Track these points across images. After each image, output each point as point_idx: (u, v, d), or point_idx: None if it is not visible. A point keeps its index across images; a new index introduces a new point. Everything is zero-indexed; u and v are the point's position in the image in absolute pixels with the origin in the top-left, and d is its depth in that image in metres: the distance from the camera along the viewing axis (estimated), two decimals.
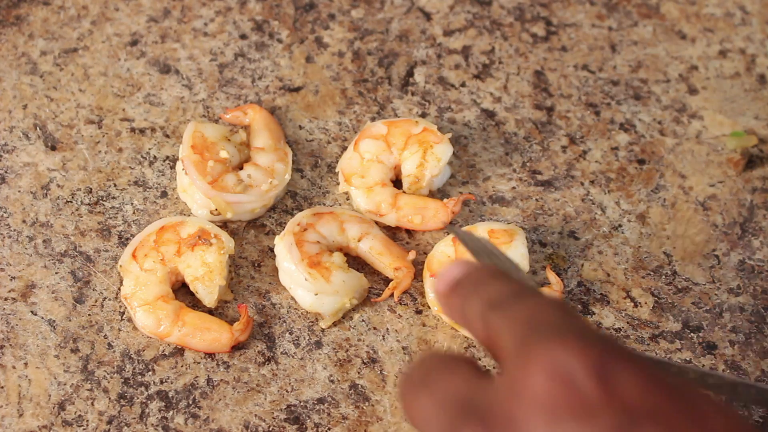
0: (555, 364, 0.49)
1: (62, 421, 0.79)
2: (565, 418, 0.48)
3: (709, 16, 1.02)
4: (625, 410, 0.48)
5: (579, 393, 0.48)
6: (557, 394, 0.49)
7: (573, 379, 0.49)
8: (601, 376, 0.49)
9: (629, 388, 0.49)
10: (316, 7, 1.01)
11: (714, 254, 0.89)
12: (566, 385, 0.48)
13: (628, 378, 0.49)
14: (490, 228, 0.85)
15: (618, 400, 0.48)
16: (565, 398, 0.48)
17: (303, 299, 0.84)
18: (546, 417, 0.48)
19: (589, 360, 0.49)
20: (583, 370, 0.49)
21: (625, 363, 0.49)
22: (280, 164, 0.90)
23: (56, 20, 0.99)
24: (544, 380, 0.49)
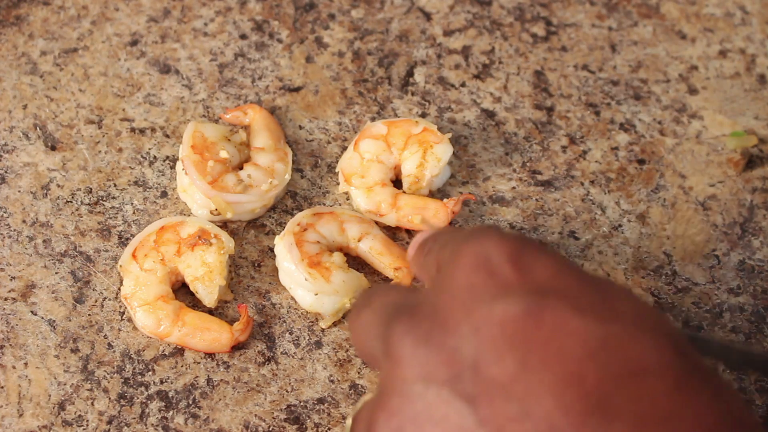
0: (475, 255, 0.53)
1: (62, 421, 0.79)
2: (481, 300, 0.52)
3: (709, 16, 1.02)
4: (535, 288, 0.51)
5: (495, 276, 0.53)
6: (476, 280, 0.53)
7: (490, 265, 0.53)
8: (516, 261, 0.53)
9: (541, 271, 0.53)
10: (316, 7, 1.01)
11: (714, 254, 0.89)
12: (484, 270, 0.53)
13: (541, 263, 0.53)
14: None
15: (530, 280, 0.52)
16: (482, 282, 0.53)
17: (303, 299, 0.84)
18: (466, 301, 0.52)
19: (506, 248, 0.53)
20: (500, 256, 0.53)
21: (539, 252, 0.54)
22: (280, 164, 0.90)
23: (56, 20, 0.99)
24: (465, 271, 0.53)
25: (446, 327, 0.52)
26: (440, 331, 0.52)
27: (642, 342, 0.50)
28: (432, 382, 0.51)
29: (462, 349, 0.51)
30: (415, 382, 0.52)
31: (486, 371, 0.50)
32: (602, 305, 0.51)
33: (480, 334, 0.50)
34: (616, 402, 0.48)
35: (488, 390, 0.49)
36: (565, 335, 0.49)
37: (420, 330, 0.53)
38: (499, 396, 0.49)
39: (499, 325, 0.50)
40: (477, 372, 0.50)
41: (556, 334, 0.50)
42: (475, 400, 0.50)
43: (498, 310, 0.51)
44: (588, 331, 0.49)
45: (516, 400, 0.49)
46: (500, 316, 0.50)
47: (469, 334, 0.51)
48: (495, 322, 0.50)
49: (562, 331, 0.50)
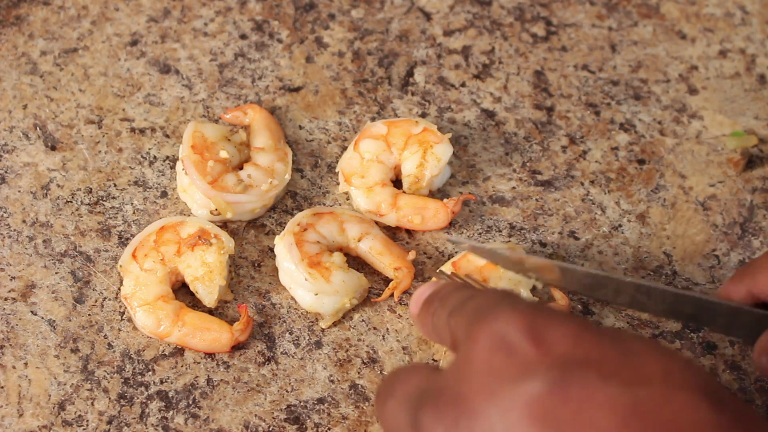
0: (492, 336, 0.53)
1: (62, 421, 0.79)
2: (505, 381, 0.51)
3: (709, 16, 1.02)
4: (558, 362, 0.51)
5: (514, 355, 0.52)
6: (495, 362, 0.52)
7: (507, 345, 0.52)
8: (532, 335, 0.52)
9: (560, 341, 0.52)
10: (316, 7, 1.01)
11: (714, 254, 0.89)
12: (502, 351, 0.52)
13: (558, 333, 0.52)
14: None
15: (551, 354, 0.51)
16: (502, 363, 0.52)
17: (303, 299, 0.84)
18: (488, 384, 0.52)
19: (520, 323, 0.52)
20: (516, 333, 0.52)
21: (554, 321, 0.53)
22: (280, 164, 0.90)
23: (56, 20, 0.99)
24: (483, 352, 0.53)
25: (473, 414, 0.51)
26: (467, 418, 0.52)
27: (674, 402, 0.49)
28: None
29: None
30: None
31: None
32: (627, 368, 0.50)
33: (508, 417, 0.50)
34: None
35: None
36: (594, 407, 0.48)
37: (447, 419, 0.52)
38: None
39: (526, 407, 0.49)
40: None
41: (584, 407, 0.49)
42: None
43: (523, 392, 0.50)
44: (616, 399, 0.49)
45: None
46: (526, 397, 0.50)
47: (497, 419, 0.50)
48: (522, 404, 0.50)
49: (590, 403, 0.49)
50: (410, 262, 0.85)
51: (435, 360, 0.83)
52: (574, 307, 0.85)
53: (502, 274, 0.84)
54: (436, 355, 0.83)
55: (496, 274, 0.84)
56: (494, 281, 0.84)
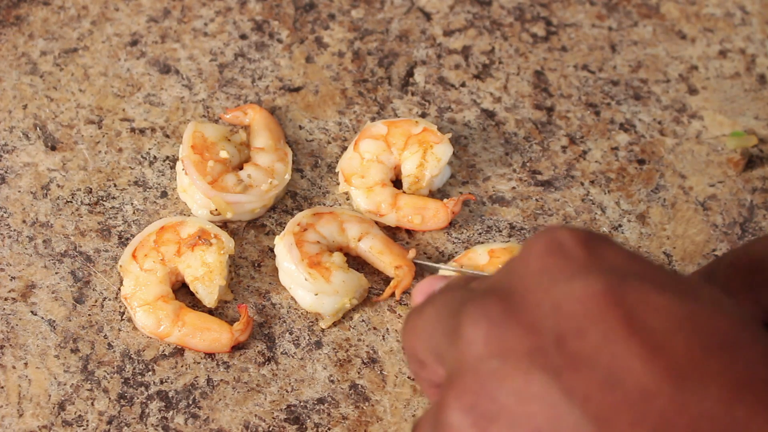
0: (546, 242, 0.53)
1: (62, 421, 0.79)
2: (559, 280, 0.51)
3: (709, 16, 1.02)
4: (614, 269, 0.51)
5: (570, 258, 0.52)
6: (550, 263, 0.52)
7: (563, 249, 0.52)
8: (588, 246, 0.53)
9: (614, 256, 0.52)
10: (316, 7, 1.01)
11: (714, 254, 0.89)
12: (558, 254, 0.52)
13: (612, 250, 0.53)
14: (490, 248, 0.85)
15: (605, 262, 0.52)
16: (557, 264, 0.52)
17: (303, 299, 0.84)
18: (542, 281, 0.51)
19: (576, 235, 0.53)
20: (572, 241, 0.53)
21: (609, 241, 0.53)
22: (280, 164, 0.90)
23: (56, 20, 0.99)
24: (537, 256, 0.53)
25: (523, 306, 0.51)
26: (517, 310, 0.51)
27: (726, 319, 0.49)
28: (509, 357, 0.50)
29: (542, 325, 0.50)
30: (490, 358, 0.51)
31: (569, 345, 0.49)
32: (683, 287, 0.51)
33: (561, 310, 0.50)
34: (710, 368, 0.48)
35: (573, 362, 0.49)
36: (649, 310, 0.49)
37: (495, 310, 0.52)
38: (585, 367, 0.48)
39: (580, 302, 0.49)
40: (560, 346, 0.49)
41: (639, 309, 0.49)
42: (559, 371, 0.49)
43: (578, 287, 0.50)
44: (671, 307, 0.49)
45: (603, 369, 0.48)
46: (581, 292, 0.50)
47: (548, 312, 0.50)
48: (576, 298, 0.50)
49: (645, 306, 0.49)
50: (411, 261, 0.85)
51: None
52: None
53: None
54: None
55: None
56: None
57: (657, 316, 0.49)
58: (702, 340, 0.48)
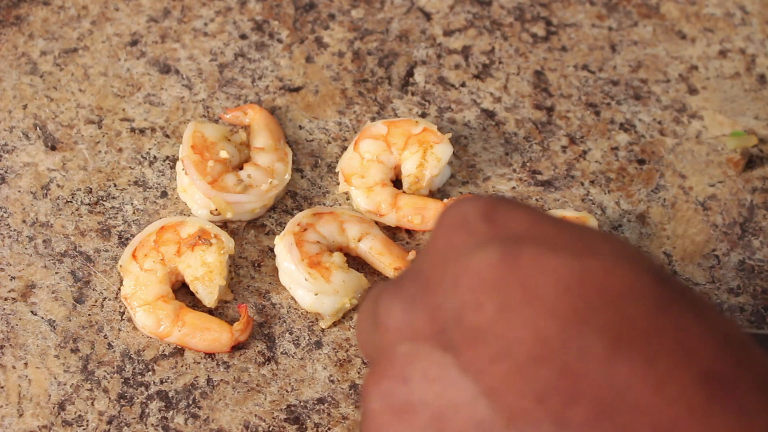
0: (454, 216, 0.54)
1: (62, 421, 0.79)
2: (460, 255, 0.51)
3: (709, 16, 1.02)
4: (512, 237, 0.51)
5: (471, 231, 0.52)
6: (453, 239, 0.53)
7: (467, 224, 0.53)
8: (491, 216, 0.53)
9: (516, 223, 0.52)
10: (316, 7, 1.01)
11: (714, 254, 0.89)
12: (461, 229, 0.53)
13: (516, 216, 0.53)
14: (562, 215, 0.86)
15: (505, 231, 0.52)
16: (460, 239, 0.52)
17: (303, 299, 0.84)
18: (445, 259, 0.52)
19: (481, 206, 0.53)
20: (475, 214, 0.53)
21: (515, 207, 0.53)
22: (280, 164, 0.90)
23: (56, 20, 0.99)
24: (443, 233, 0.54)
25: (428, 287, 0.52)
26: (423, 291, 0.52)
27: (619, 272, 0.49)
28: (417, 341, 0.51)
29: (444, 304, 0.51)
30: (401, 343, 0.52)
31: (467, 320, 0.49)
32: (579, 243, 0.51)
33: (459, 285, 0.50)
34: (594, 327, 0.48)
35: (469, 337, 0.49)
36: (541, 274, 0.49)
37: (405, 294, 0.53)
38: (480, 340, 0.49)
39: (476, 274, 0.50)
40: (459, 322, 0.50)
41: (531, 274, 0.49)
42: (457, 348, 0.49)
43: (475, 260, 0.50)
44: (563, 267, 0.49)
45: (496, 340, 0.48)
46: (477, 265, 0.50)
47: (449, 289, 0.51)
48: (472, 271, 0.50)
49: (538, 270, 0.49)
50: (410, 262, 0.85)
51: None
52: None
53: None
54: None
55: None
56: None
57: (548, 279, 0.49)
58: (590, 299, 0.48)
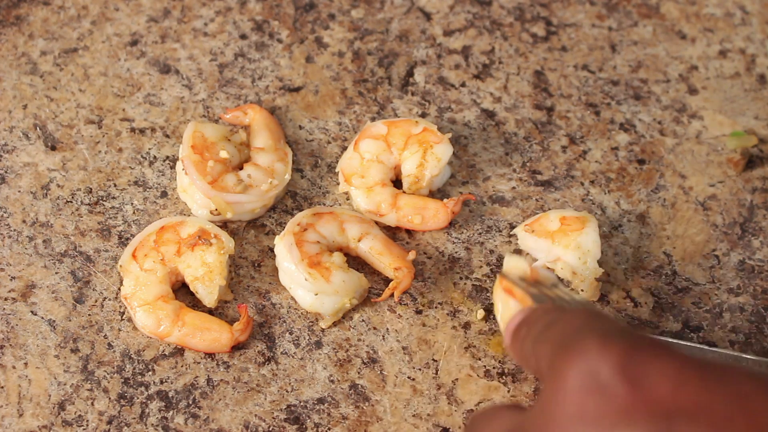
0: (582, 374, 0.47)
1: (62, 421, 0.79)
2: (597, 429, 0.46)
3: (709, 16, 1.02)
4: (660, 410, 0.45)
5: (608, 397, 0.46)
6: (587, 405, 0.47)
7: (600, 385, 0.47)
8: (628, 375, 0.46)
9: (661, 384, 0.46)
10: (316, 7, 1.01)
11: (714, 254, 0.89)
12: (595, 392, 0.47)
13: (656, 372, 0.46)
14: (562, 215, 0.86)
15: (651, 400, 0.46)
16: (596, 407, 0.47)
17: (303, 299, 0.84)
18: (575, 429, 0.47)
19: (613, 358, 0.47)
20: (609, 370, 0.47)
21: (651, 356, 0.47)
22: (280, 164, 0.90)
23: (56, 20, 0.99)
24: (573, 393, 0.47)
25: None
26: None
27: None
28: None
29: None
30: None
31: None
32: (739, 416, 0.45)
33: None
34: None
35: None
36: None
37: None
38: None
39: None
40: None
41: None
42: None
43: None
44: None
45: None
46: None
47: None
48: None
49: None
50: (410, 262, 0.85)
51: (435, 360, 0.83)
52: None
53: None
54: (436, 355, 0.83)
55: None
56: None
57: None
58: None
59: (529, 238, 0.86)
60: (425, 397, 0.81)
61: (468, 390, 0.81)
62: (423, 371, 0.82)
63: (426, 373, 0.82)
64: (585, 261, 0.84)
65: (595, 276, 0.84)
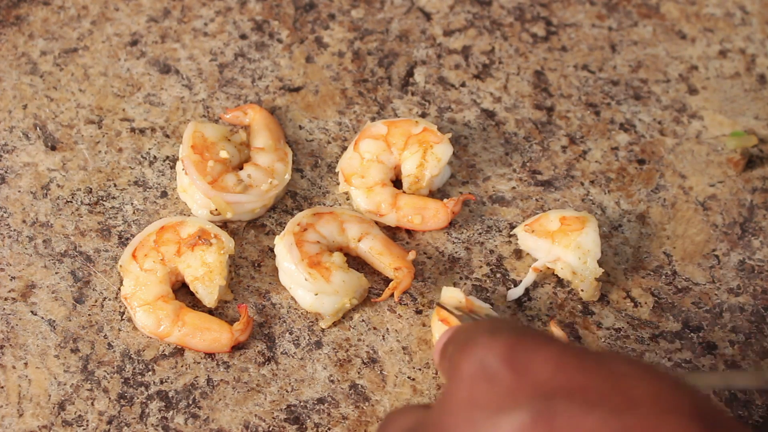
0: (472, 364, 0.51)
1: (62, 421, 0.79)
2: (487, 412, 0.49)
3: (709, 16, 1.02)
4: (541, 391, 0.48)
5: (496, 384, 0.50)
6: (477, 392, 0.50)
7: (487, 372, 0.50)
8: (513, 363, 0.50)
9: (541, 368, 0.49)
10: (316, 7, 1.01)
11: (714, 254, 0.89)
12: (483, 379, 0.50)
13: (539, 358, 0.50)
14: (562, 215, 0.86)
15: (533, 383, 0.49)
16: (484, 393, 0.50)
17: (303, 299, 0.84)
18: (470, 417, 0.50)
19: (500, 350, 0.50)
20: (496, 359, 0.50)
21: (534, 345, 0.50)
22: (280, 164, 0.90)
23: (56, 20, 0.99)
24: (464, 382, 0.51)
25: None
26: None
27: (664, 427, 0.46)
28: None
29: None
30: None
31: None
32: (614, 393, 0.48)
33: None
34: None
35: None
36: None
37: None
38: None
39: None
40: None
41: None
42: None
43: (506, 423, 0.48)
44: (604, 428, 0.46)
45: None
46: (509, 429, 0.47)
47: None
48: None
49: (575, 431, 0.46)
50: (410, 262, 0.85)
51: None
52: (573, 307, 0.85)
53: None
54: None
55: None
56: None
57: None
58: None
59: (529, 238, 0.86)
60: (425, 397, 0.81)
61: None
62: (423, 371, 0.82)
63: (426, 373, 0.82)
64: (585, 261, 0.84)
65: (595, 276, 0.84)
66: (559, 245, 0.84)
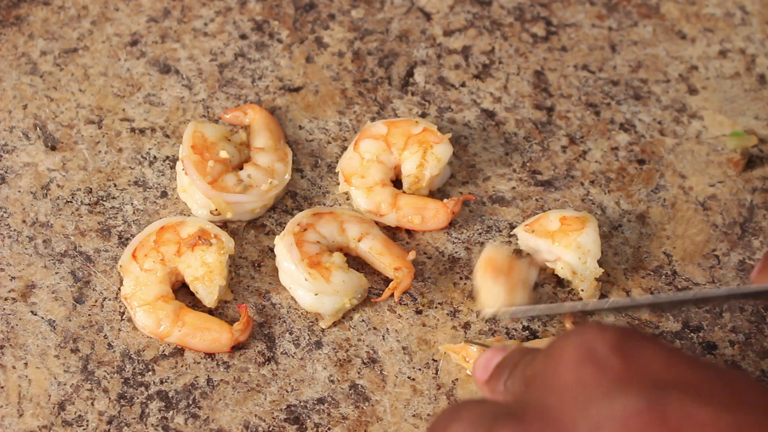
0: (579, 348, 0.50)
1: (62, 421, 0.79)
2: (596, 396, 0.48)
3: (709, 16, 1.02)
4: (652, 381, 0.48)
5: (604, 369, 0.49)
6: (584, 375, 0.49)
7: (596, 358, 0.49)
8: (623, 352, 0.49)
9: (651, 361, 0.49)
10: (316, 7, 1.01)
11: (714, 254, 0.89)
12: (591, 364, 0.49)
13: (649, 353, 0.49)
14: (562, 215, 0.86)
15: (643, 372, 0.49)
16: (592, 377, 0.49)
17: (303, 299, 0.84)
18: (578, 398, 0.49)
19: (609, 338, 0.50)
20: (605, 347, 0.50)
21: (644, 340, 0.50)
22: (280, 164, 0.90)
23: (56, 20, 0.99)
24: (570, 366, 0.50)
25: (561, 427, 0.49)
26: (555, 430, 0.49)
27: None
28: None
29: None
30: None
31: None
32: (727, 393, 0.48)
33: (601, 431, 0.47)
34: None
35: None
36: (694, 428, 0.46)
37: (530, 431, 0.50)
38: None
39: (621, 422, 0.47)
40: None
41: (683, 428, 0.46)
42: None
43: (618, 407, 0.47)
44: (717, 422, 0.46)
45: None
46: (621, 412, 0.47)
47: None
48: (616, 419, 0.47)
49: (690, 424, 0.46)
50: (410, 262, 0.85)
51: (435, 360, 0.83)
52: None
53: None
54: (435, 355, 0.83)
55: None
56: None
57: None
58: None
59: (529, 238, 0.86)
60: (425, 397, 0.81)
61: (468, 390, 0.81)
62: (423, 371, 0.82)
63: (426, 373, 0.82)
64: (585, 261, 0.84)
65: (595, 276, 0.84)
66: (559, 245, 0.84)
